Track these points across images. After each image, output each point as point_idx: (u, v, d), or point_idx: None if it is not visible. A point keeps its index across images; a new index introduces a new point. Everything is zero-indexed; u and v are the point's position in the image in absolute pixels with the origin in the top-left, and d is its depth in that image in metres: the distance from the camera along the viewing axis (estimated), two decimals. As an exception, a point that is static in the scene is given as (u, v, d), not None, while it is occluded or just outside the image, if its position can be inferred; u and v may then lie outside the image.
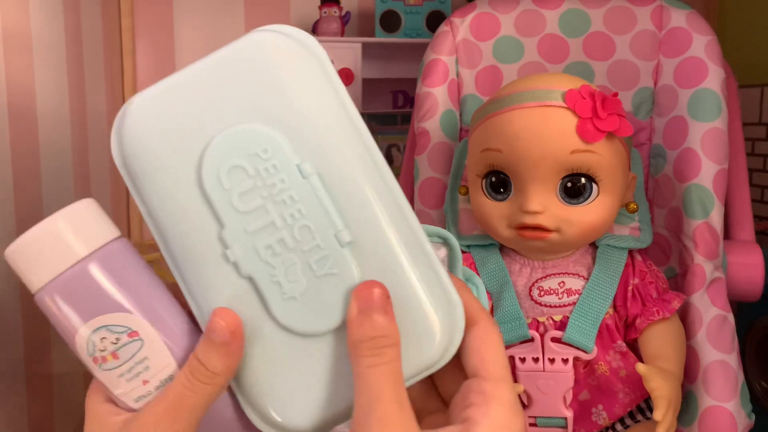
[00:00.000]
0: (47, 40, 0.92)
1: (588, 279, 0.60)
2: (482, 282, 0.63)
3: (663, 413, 0.53)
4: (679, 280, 0.66)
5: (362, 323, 0.29)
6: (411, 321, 0.30)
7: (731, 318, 0.63)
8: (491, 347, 0.30)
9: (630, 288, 0.59)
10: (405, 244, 0.31)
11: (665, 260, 0.69)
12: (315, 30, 1.32)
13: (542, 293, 0.60)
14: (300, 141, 0.31)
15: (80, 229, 0.31)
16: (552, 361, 0.57)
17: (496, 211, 0.59)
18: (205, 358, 0.30)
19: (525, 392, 0.58)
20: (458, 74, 0.77)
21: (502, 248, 0.64)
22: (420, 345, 0.31)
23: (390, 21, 1.34)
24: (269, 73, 0.31)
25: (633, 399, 0.58)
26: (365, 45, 1.29)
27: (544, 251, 0.60)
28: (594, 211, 0.57)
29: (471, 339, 0.31)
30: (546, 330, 0.58)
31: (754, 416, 0.60)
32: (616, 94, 0.56)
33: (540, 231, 0.57)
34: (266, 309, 0.31)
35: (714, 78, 0.67)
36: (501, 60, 0.76)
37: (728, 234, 0.71)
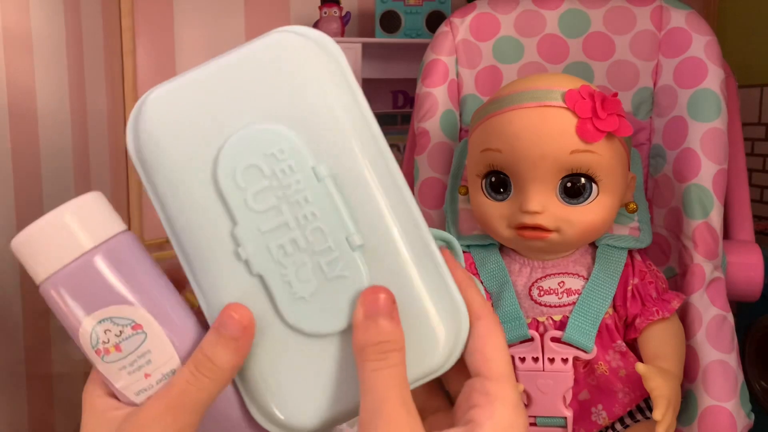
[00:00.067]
0: (47, 41, 0.92)
1: (588, 279, 0.60)
2: (481, 284, 0.63)
3: (662, 413, 0.53)
4: (679, 280, 0.67)
5: (368, 328, 0.29)
6: (417, 325, 0.31)
7: (731, 318, 0.63)
8: (494, 346, 0.30)
9: (630, 288, 0.60)
10: (414, 249, 0.31)
11: (665, 260, 0.69)
12: (315, 30, 1.32)
13: (542, 293, 0.60)
14: (316, 143, 0.31)
15: (87, 222, 0.31)
16: (552, 361, 0.57)
17: (496, 211, 0.59)
18: (212, 353, 0.30)
19: (525, 392, 0.58)
20: (458, 74, 0.77)
21: (502, 248, 0.64)
22: (425, 349, 0.31)
23: (390, 21, 1.34)
24: (288, 74, 0.31)
25: (633, 399, 0.58)
26: (365, 45, 1.29)
27: (544, 251, 0.60)
28: (594, 211, 0.57)
29: (474, 337, 0.31)
30: (546, 330, 0.59)
31: (754, 416, 0.61)
32: (616, 95, 0.56)
33: (540, 231, 0.57)
34: (275, 308, 0.31)
35: (713, 78, 0.67)
36: (501, 60, 0.76)
37: (728, 234, 0.71)
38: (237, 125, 0.31)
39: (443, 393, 0.35)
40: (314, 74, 0.31)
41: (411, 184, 0.77)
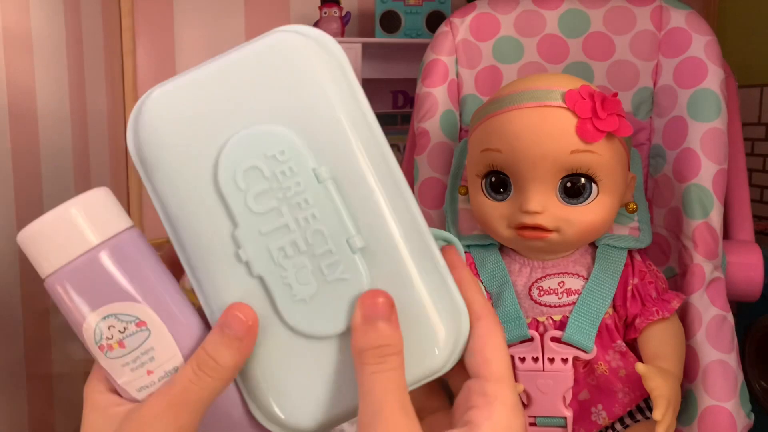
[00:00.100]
0: (47, 40, 0.92)
1: (587, 279, 0.60)
2: (481, 284, 0.63)
3: (662, 413, 0.53)
4: (679, 280, 0.67)
5: (366, 332, 0.29)
6: (417, 327, 0.31)
7: (731, 318, 0.63)
8: (494, 347, 0.30)
9: (629, 288, 0.60)
10: (415, 251, 0.31)
11: (664, 260, 0.69)
12: (315, 30, 1.32)
13: (542, 293, 0.60)
14: (317, 144, 0.31)
15: (93, 217, 0.31)
16: (551, 361, 0.57)
17: (496, 211, 0.59)
18: (216, 352, 0.30)
19: (525, 392, 0.58)
20: (458, 74, 0.77)
21: (502, 248, 0.64)
22: (425, 350, 0.31)
23: (390, 21, 1.34)
24: (289, 75, 0.31)
25: (632, 399, 0.58)
26: (365, 45, 1.29)
27: (544, 251, 0.60)
28: (593, 211, 0.57)
29: (474, 337, 0.31)
30: (546, 330, 0.59)
31: (754, 416, 0.61)
32: (616, 95, 0.56)
33: (539, 231, 0.57)
34: (275, 309, 0.31)
35: (713, 78, 0.67)
36: (501, 60, 0.76)
37: (727, 234, 0.71)
38: (237, 126, 0.31)
39: (443, 393, 0.35)
40: (315, 75, 0.31)
41: (411, 184, 0.77)
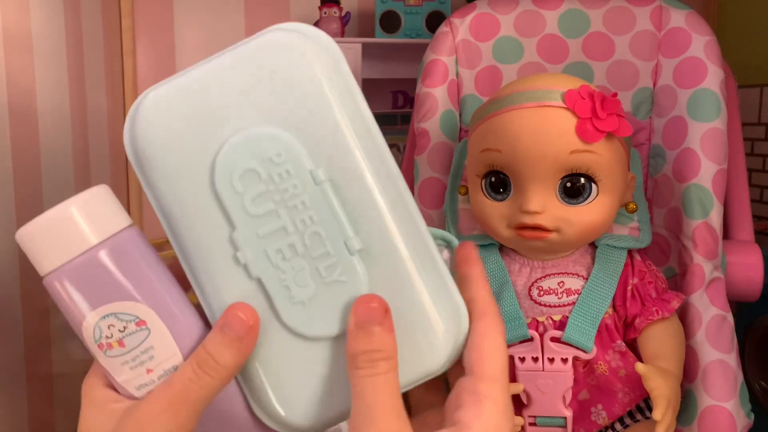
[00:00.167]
0: (47, 40, 0.92)
1: (587, 279, 0.60)
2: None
3: (662, 413, 0.53)
4: (678, 280, 0.67)
5: (358, 336, 0.29)
6: (416, 328, 0.31)
7: (730, 318, 0.63)
8: (492, 345, 0.30)
9: (629, 288, 0.60)
10: (414, 252, 0.31)
11: (664, 260, 0.69)
12: (315, 30, 1.32)
13: (542, 293, 0.60)
14: (314, 145, 0.31)
15: (93, 216, 0.31)
16: (551, 361, 0.57)
17: (496, 211, 0.59)
18: (216, 351, 0.30)
19: (524, 392, 0.58)
20: (458, 74, 0.77)
21: (502, 248, 0.64)
22: (424, 351, 0.31)
23: (390, 21, 1.34)
24: (284, 75, 0.31)
25: (632, 399, 0.58)
26: (365, 45, 1.29)
27: (544, 251, 0.61)
28: (593, 211, 0.57)
29: (474, 334, 0.31)
30: (545, 330, 0.59)
31: (753, 416, 0.61)
32: (616, 95, 0.56)
33: (539, 231, 0.57)
34: (274, 311, 0.31)
35: (713, 78, 0.67)
36: (501, 60, 0.76)
37: (727, 234, 0.71)
38: (233, 128, 0.31)
39: (443, 387, 0.35)
40: (311, 74, 0.31)
41: (411, 184, 0.77)
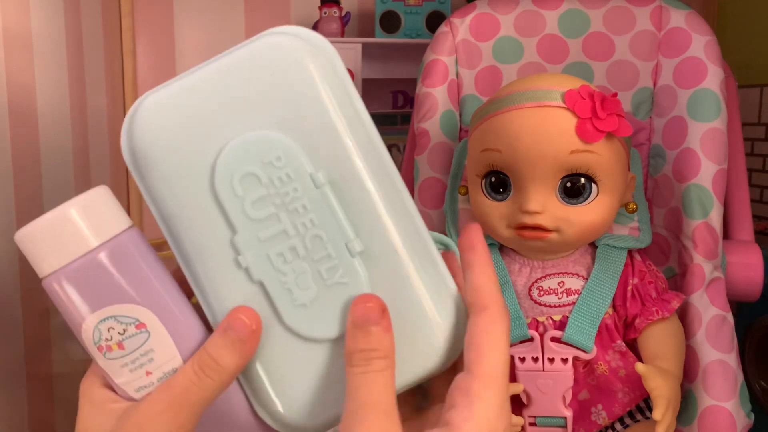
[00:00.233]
0: (47, 40, 0.92)
1: (587, 279, 0.60)
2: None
3: (662, 413, 0.53)
4: (678, 280, 0.67)
5: (355, 336, 0.29)
6: (416, 328, 0.31)
7: (730, 318, 0.63)
8: (492, 342, 0.29)
9: (629, 288, 0.60)
10: (414, 254, 0.31)
11: (664, 260, 0.69)
12: (315, 30, 1.32)
13: (542, 293, 0.60)
14: (313, 149, 0.31)
15: (93, 218, 0.31)
16: (551, 361, 0.57)
17: (496, 211, 0.59)
18: (218, 354, 0.30)
19: (524, 392, 0.58)
20: (458, 74, 0.77)
21: (502, 248, 0.64)
22: (423, 352, 0.31)
23: (390, 21, 1.34)
24: (282, 78, 0.31)
25: (632, 399, 0.58)
26: (365, 45, 1.29)
27: (544, 251, 0.61)
28: (593, 211, 0.57)
29: (474, 329, 0.30)
30: (545, 330, 0.59)
31: (753, 416, 0.61)
32: (616, 95, 0.56)
33: (539, 231, 0.57)
34: (276, 314, 0.31)
35: (713, 78, 0.67)
36: (501, 60, 0.76)
37: (727, 234, 0.71)
38: (232, 133, 0.31)
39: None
40: (308, 78, 0.31)
41: (411, 185, 0.77)
